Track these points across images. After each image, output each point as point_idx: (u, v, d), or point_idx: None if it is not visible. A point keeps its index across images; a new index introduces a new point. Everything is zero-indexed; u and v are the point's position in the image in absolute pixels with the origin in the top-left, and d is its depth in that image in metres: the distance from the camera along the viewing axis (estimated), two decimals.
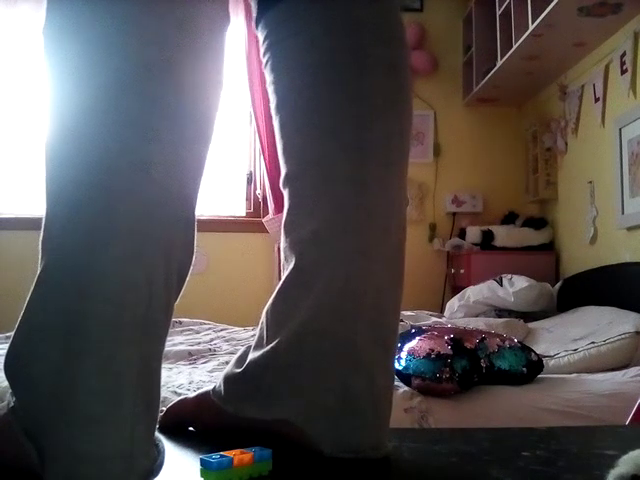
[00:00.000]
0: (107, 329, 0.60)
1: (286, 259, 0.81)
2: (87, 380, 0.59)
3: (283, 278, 0.80)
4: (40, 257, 0.63)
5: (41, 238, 0.64)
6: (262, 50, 0.84)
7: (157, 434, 0.66)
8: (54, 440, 0.58)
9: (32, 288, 0.63)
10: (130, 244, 0.62)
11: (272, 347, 0.77)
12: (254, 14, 0.85)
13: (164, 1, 0.65)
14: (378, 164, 0.79)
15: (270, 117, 0.85)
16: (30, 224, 3.27)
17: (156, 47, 0.65)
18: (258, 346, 0.80)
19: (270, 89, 0.83)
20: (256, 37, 0.87)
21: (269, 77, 0.83)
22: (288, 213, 0.81)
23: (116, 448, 0.59)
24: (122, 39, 0.64)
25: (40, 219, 0.64)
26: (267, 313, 0.81)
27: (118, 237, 0.61)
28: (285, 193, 0.82)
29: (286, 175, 0.82)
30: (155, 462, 0.63)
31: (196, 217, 0.70)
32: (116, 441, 0.59)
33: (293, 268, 0.79)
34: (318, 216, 0.78)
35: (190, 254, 0.69)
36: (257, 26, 0.85)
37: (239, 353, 0.83)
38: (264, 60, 0.84)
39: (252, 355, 0.80)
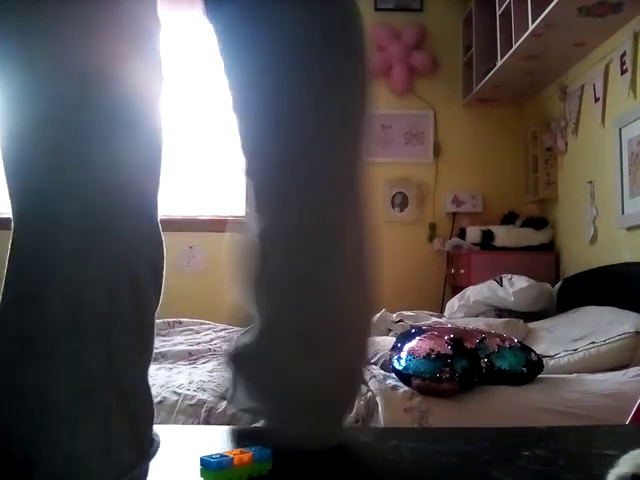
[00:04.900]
0: (69, 328, 0.60)
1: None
2: (56, 381, 0.59)
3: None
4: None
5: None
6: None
7: (155, 429, 0.66)
8: (34, 443, 0.58)
9: None
10: (79, 242, 0.61)
11: (245, 344, 0.80)
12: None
13: (91, 15, 0.64)
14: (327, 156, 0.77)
15: None
16: None
17: (91, 60, 0.63)
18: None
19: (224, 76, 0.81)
20: None
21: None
22: (249, 205, 0.82)
23: (90, 445, 0.59)
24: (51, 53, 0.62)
25: None
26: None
27: (65, 237, 0.61)
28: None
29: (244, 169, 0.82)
30: (143, 455, 0.63)
31: (158, 210, 0.69)
32: (89, 438, 0.59)
33: (252, 261, 0.80)
34: (267, 214, 0.78)
35: (158, 247, 0.69)
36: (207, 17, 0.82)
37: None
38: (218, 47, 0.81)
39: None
